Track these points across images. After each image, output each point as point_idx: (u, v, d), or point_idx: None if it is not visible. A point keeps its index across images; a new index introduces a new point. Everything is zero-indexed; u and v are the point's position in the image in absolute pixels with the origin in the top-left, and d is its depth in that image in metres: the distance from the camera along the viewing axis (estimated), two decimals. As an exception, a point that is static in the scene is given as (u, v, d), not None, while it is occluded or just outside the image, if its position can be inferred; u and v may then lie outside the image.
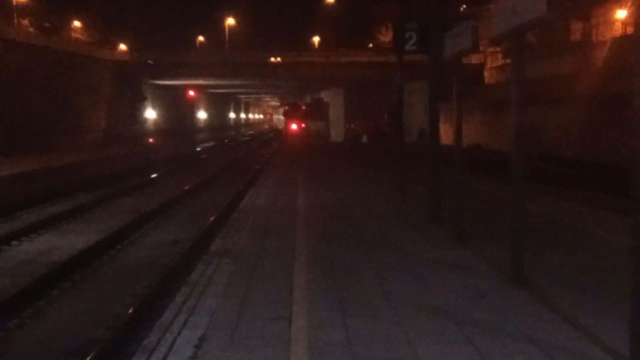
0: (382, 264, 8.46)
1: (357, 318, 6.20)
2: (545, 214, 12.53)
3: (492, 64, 48.70)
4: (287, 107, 74.59)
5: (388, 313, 6.37)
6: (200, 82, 61.19)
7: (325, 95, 71.11)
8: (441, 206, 11.68)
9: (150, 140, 52.66)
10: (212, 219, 16.44)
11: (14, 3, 46.32)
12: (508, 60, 37.33)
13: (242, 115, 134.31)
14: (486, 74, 49.33)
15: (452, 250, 9.24)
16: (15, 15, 45.18)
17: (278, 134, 76.55)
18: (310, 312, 6.41)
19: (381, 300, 6.83)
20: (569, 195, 17.82)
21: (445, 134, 15.70)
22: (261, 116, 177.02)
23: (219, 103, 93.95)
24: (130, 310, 9.02)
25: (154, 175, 29.44)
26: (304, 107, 71.28)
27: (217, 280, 7.73)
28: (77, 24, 54.77)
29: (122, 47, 55.50)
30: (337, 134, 60.42)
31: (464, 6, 45.47)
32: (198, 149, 54.15)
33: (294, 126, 65.09)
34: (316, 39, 67.13)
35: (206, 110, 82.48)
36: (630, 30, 32.48)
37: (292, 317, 6.28)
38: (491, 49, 45.12)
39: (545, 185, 19.72)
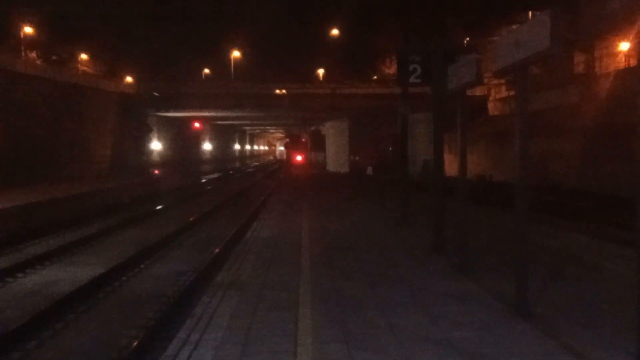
0: (386, 296, 8.44)
1: (362, 351, 6.18)
2: (550, 245, 12.50)
3: (496, 95, 48.85)
4: (288, 140, 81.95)
5: (393, 346, 6.35)
6: (206, 113, 61.42)
7: (329, 127, 71.50)
8: (445, 237, 11.68)
9: (156, 171, 52.78)
10: (217, 250, 16.43)
11: (22, 36, 46.76)
12: (512, 92, 37.54)
13: (247, 147, 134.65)
14: (490, 105, 49.46)
15: (456, 282, 9.22)
16: (22, 47, 45.58)
17: (282, 164, 79.85)
18: (315, 345, 6.39)
19: (386, 332, 6.81)
20: (573, 226, 17.79)
21: (450, 165, 15.70)
22: (266, 147, 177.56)
23: (224, 134, 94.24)
24: (135, 343, 9.00)
25: (158, 207, 29.47)
26: (303, 140, 77.10)
27: (221, 313, 7.71)
28: (84, 56, 55.18)
29: (128, 79, 55.86)
30: (341, 165, 60.49)
31: (467, 39, 45.78)
32: (203, 180, 54.25)
33: (298, 157, 68.48)
34: (321, 71, 67.41)
35: (211, 141, 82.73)
36: (633, 62, 32.68)
37: (297, 350, 6.26)
38: (495, 81, 45.29)
39: (549, 216, 19.68)
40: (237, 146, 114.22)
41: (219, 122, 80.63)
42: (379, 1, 60.28)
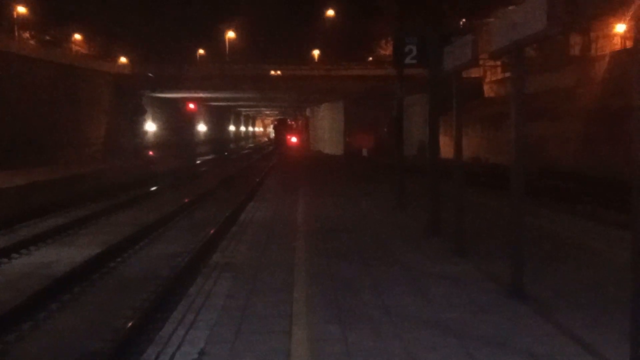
0: (381, 278, 8.45)
1: (357, 332, 6.19)
2: (545, 228, 12.53)
3: (491, 77, 48.75)
4: (276, 123, 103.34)
5: (388, 327, 6.36)
6: (200, 95, 61.27)
7: (324, 108, 71.56)
8: (441, 220, 11.68)
9: (150, 153, 52.68)
10: (211, 231, 16.42)
11: (15, 16, 46.45)
12: (508, 74, 37.46)
13: (242, 128, 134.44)
14: (486, 87, 49.38)
15: (452, 264, 9.23)
16: (16, 28, 45.29)
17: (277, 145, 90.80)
18: (310, 326, 6.40)
19: (381, 314, 6.81)
20: (569, 209, 17.83)
21: (445, 147, 15.70)
22: (261, 129, 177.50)
23: (218, 116, 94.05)
24: (130, 324, 8.99)
25: (153, 188, 29.44)
26: (289, 122, 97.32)
27: (216, 294, 7.71)
28: (77, 36, 54.86)
29: (123, 60, 55.59)
30: (336, 147, 60.47)
31: (464, 20, 45.59)
32: (198, 161, 54.18)
33: (293, 139, 77.10)
34: (316, 52, 67.18)
35: (206, 123, 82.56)
36: (629, 44, 32.61)
37: (291, 330, 6.27)
38: (491, 63, 45.16)
39: (545, 199, 19.71)
40: (232, 127, 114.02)
41: (214, 104, 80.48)
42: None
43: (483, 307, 7.00)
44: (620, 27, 33.86)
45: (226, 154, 72.02)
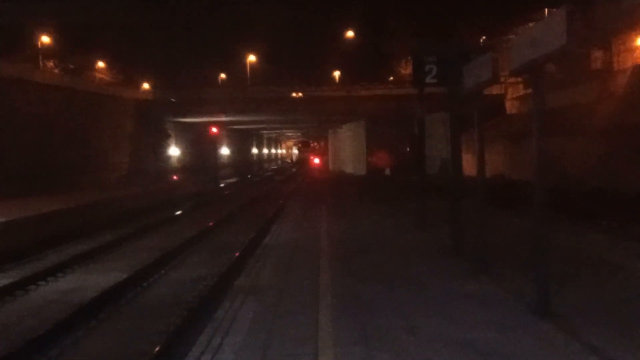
0: (406, 298, 8.42)
1: (383, 353, 6.17)
2: (569, 244, 12.42)
3: (513, 94, 48.52)
4: (300, 145, 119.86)
5: (414, 348, 6.33)
6: (223, 118, 61.60)
7: (346, 129, 71.76)
8: (464, 238, 11.63)
9: (174, 177, 52.97)
10: (236, 255, 16.45)
11: (40, 45, 47.14)
12: (529, 91, 37.31)
13: (265, 151, 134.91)
14: (508, 104, 49.15)
15: (476, 282, 9.18)
16: (40, 57, 45.93)
17: (299, 166, 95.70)
18: (336, 348, 6.39)
19: (407, 334, 6.79)
20: (593, 226, 17.64)
21: (468, 165, 15.65)
22: (283, 151, 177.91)
23: (241, 139, 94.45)
24: (156, 349, 9.02)
25: (177, 212, 29.57)
26: (312, 144, 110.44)
27: (242, 317, 7.73)
28: (101, 64, 55.53)
29: (145, 86, 56.10)
30: (359, 167, 60.45)
31: (483, 37, 45.58)
32: (221, 185, 54.37)
33: (316, 160, 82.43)
34: (337, 73, 67.38)
35: (229, 146, 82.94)
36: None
37: (318, 352, 6.26)
38: (512, 80, 45.00)
39: (568, 216, 19.52)
40: (254, 150, 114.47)
41: (236, 127, 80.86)
42: (392, 3, 60.24)
43: (508, 326, 6.95)
44: (641, 41, 33.62)
45: (249, 176, 72.22)
